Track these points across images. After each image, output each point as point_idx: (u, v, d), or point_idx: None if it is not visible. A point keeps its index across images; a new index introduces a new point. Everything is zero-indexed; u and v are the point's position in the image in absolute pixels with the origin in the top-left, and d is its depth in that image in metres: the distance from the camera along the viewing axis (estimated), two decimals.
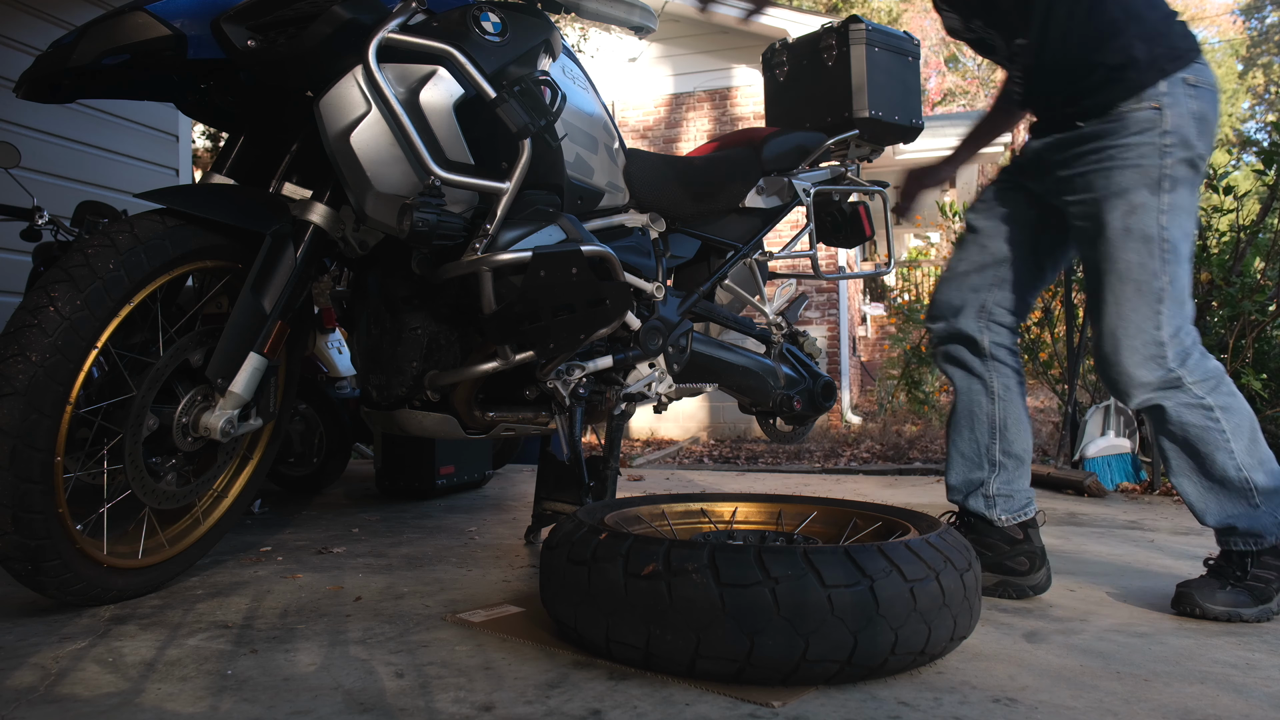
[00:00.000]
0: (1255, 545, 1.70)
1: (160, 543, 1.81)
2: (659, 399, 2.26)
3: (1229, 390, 1.71)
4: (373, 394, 2.02)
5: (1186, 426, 1.70)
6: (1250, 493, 1.70)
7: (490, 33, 1.76)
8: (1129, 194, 1.65)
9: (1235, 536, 1.72)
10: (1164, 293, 1.65)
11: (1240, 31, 27.48)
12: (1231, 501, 1.72)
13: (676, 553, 1.31)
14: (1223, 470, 1.70)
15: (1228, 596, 1.67)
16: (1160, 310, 1.65)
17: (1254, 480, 1.70)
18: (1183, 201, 1.66)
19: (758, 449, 7.05)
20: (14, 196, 3.02)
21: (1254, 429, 1.72)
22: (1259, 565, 1.70)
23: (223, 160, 1.88)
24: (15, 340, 1.48)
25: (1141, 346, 1.67)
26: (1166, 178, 1.64)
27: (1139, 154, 1.64)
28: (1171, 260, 1.65)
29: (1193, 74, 1.66)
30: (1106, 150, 1.67)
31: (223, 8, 1.66)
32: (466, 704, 1.23)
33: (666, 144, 9.23)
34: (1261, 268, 3.99)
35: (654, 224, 2.25)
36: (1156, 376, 1.68)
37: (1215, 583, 1.70)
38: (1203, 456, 1.72)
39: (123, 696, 1.25)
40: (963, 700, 1.26)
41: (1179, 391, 1.69)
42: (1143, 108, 1.64)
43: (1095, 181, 1.69)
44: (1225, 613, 1.66)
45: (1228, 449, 1.69)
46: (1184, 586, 1.71)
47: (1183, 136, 1.64)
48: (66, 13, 3.79)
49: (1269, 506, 1.70)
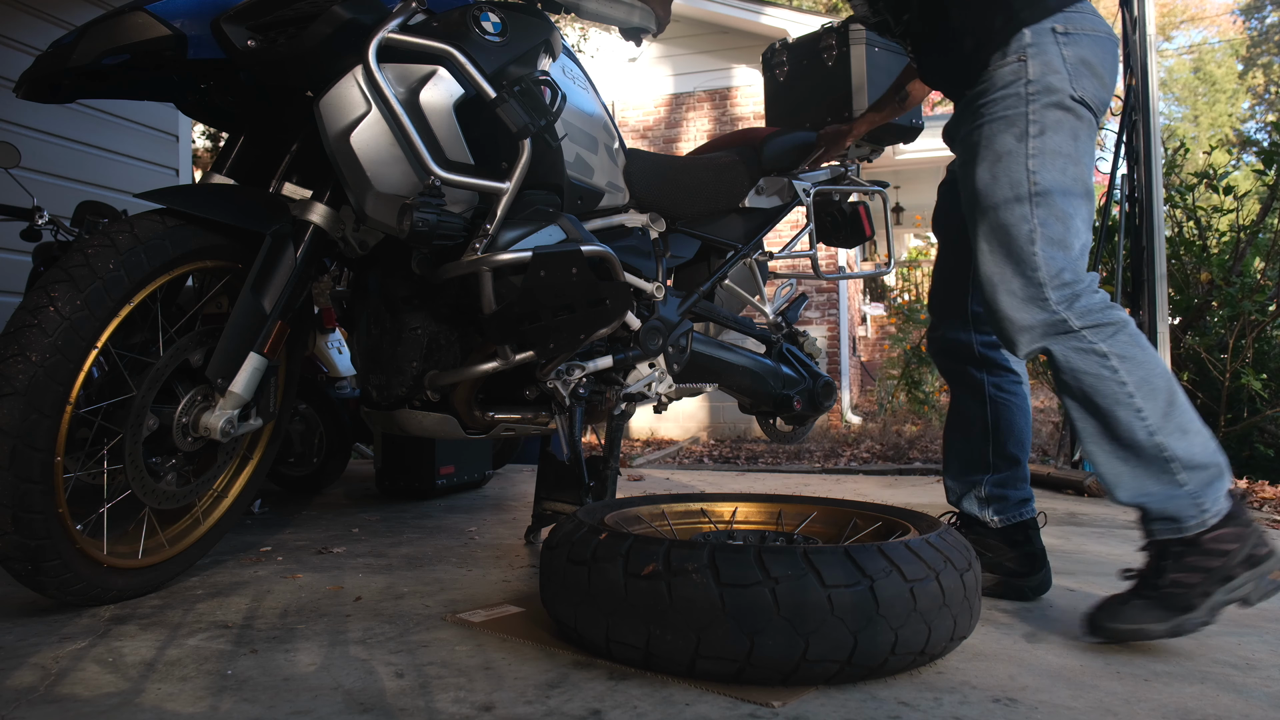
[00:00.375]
0: (1174, 532, 1.51)
1: (160, 543, 1.81)
2: (659, 399, 2.26)
3: (1132, 341, 1.56)
4: (373, 394, 2.02)
5: (1079, 375, 1.56)
6: (1167, 463, 1.51)
7: (490, 33, 1.76)
8: (994, 144, 1.62)
9: (1152, 522, 1.54)
10: (1035, 234, 1.58)
11: (1240, 31, 27.49)
12: (1146, 474, 1.53)
13: (676, 553, 1.31)
14: (1129, 432, 1.53)
15: (1134, 612, 1.48)
16: (1034, 252, 1.57)
17: (1171, 448, 1.50)
18: (1056, 144, 1.60)
19: (758, 449, 7.05)
20: (14, 196, 3.02)
21: (1172, 390, 1.54)
22: (1180, 567, 1.49)
23: (223, 160, 1.88)
24: (15, 340, 1.48)
25: (1019, 289, 1.58)
26: (1033, 123, 1.60)
27: (1004, 106, 1.62)
28: (1042, 204, 1.58)
29: (1061, 23, 1.62)
30: (980, 110, 1.66)
31: (223, 8, 1.66)
32: (466, 704, 1.23)
33: (666, 144, 9.23)
34: (1261, 268, 3.99)
35: (654, 224, 2.25)
36: (1039, 319, 1.57)
37: (1128, 596, 1.52)
38: (1103, 413, 1.55)
39: (123, 696, 1.25)
40: (963, 700, 1.26)
41: (1068, 336, 1.57)
42: (1007, 63, 1.62)
43: (970, 140, 1.68)
44: (1131, 631, 1.47)
45: (1132, 406, 1.53)
46: (1095, 607, 1.53)
47: (1048, 83, 1.60)
48: (66, 13, 3.79)
49: (1194, 485, 1.50)
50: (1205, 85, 27.68)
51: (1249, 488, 3.31)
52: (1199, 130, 25.65)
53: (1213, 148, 5.01)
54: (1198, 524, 1.49)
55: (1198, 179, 4.04)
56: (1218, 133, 23.22)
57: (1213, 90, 27.51)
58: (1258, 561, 1.48)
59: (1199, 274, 3.92)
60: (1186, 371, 3.93)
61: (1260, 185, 3.95)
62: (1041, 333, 1.59)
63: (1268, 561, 1.48)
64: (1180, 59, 28.46)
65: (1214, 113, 27.17)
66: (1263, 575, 1.47)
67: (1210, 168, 3.95)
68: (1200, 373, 3.90)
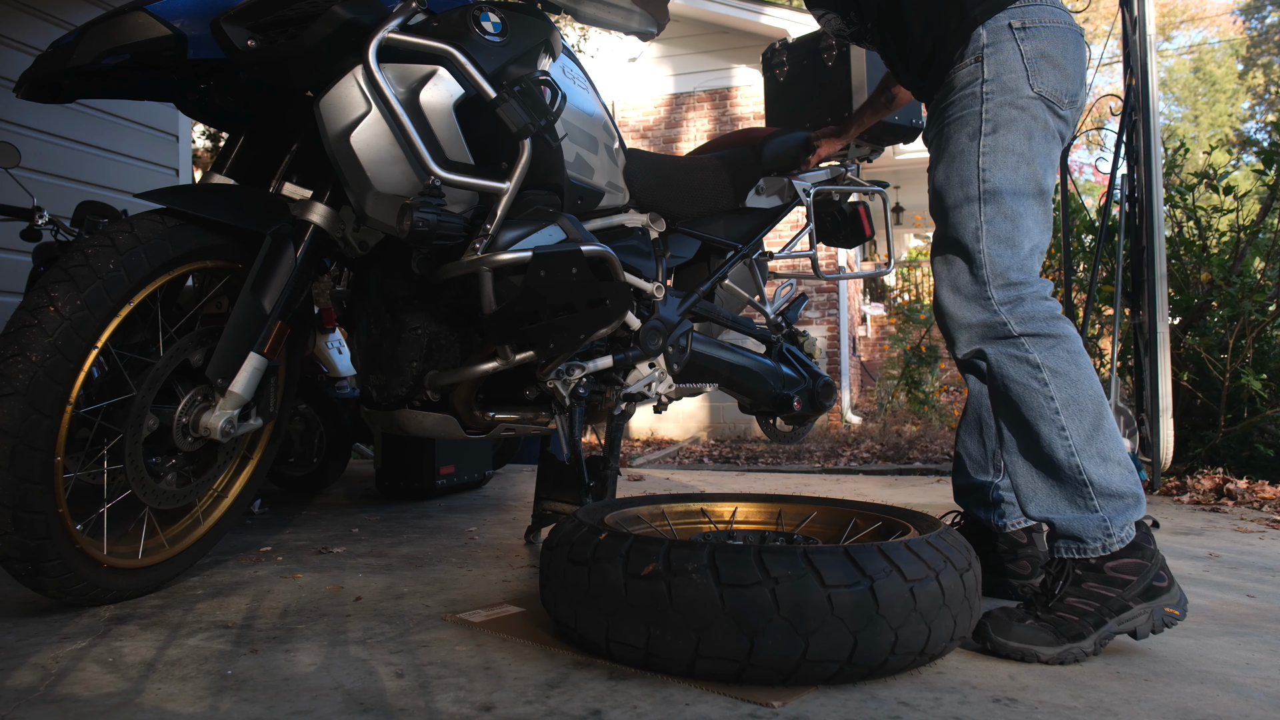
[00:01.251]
0: (1077, 551, 1.50)
1: (160, 543, 1.81)
2: (659, 399, 2.26)
3: (1070, 359, 1.52)
4: (373, 394, 2.02)
5: (1008, 382, 1.54)
6: (1083, 486, 1.49)
7: (490, 33, 1.76)
8: (949, 145, 1.63)
9: (1057, 539, 1.52)
10: (980, 231, 1.57)
11: (1240, 31, 27.48)
12: (1060, 494, 1.52)
13: (676, 553, 1.31)
14: (1049, 449, 1.51)
15: (1025, 631, 1.44)
16: (980, 250, 1.56)
17: (1088, 472, 1.49)
18: (1008, 143, 1.58)
19: (758, 449, 7.05)
20: (14, 196, 3.02)
21: (1100, 414, 1.51)
22: (1077, 592, 1.47)
23: (223, 160, 1.88)
24: (15, 340, 1.48)
25: (964, 286, 1.58)
26: (986, 122, 1.59)
27: (960, 107, 1.62)
28: (991, 201, 1.57)
29: (1019, 17, 1.61)
30: (941, 113, 1.66)
31: (223, 8, 1.66)
32: (467, 704, 1.23)
33: (666, 144, 9.23)
34: (1261, 268, 3.99)
35: (654, 224, 2.25)
36: (979, 319, 1.56)
37: (1020, 613, 1.48)
38: (1027, 426, 1.53)
39: (123, 696, 1.25)
40: (963, 700, 1.26)
41: (1004, 342, 1.54)
42: (965, 65, 1.62)
43: (932, 144, 1.68)
44: (1018, 650, 1.43)
45: (1055, 423, 1.50)
46: (986, 615, 1.48)
47: (1003, 81, 1.59)
48: (66, 13, 3.79)
49: (1106, 512, 1.49)
50: (1205, 85, 27.68)
51: (1249, 487, 3.32)
52: (1199, 130, 25.65)
53: (1213, 148, 5.01)
54: (1102, 548, 1.49)
55: (1198, 179, 4.04)
56: (1218, 133, 23.22)
57: (1213, 90, 27.50)
58: (1156, 594, 1.48)
59: (1199, 274, 3.91)
60: (1186, 371, 3.93)
61: (1260, 185, 3.95)
62: (980, 333, 1.58)
63: (1165, 595, 1.48)
64: (1180, 59, 28.46)
65: (1214, 113, 27.17)
66: (1158, 608, 1.47)
67: (1210, 168, 3.95)
68: (1200, 373, 3.90)
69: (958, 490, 1.95)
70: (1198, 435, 3.88)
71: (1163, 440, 3.31)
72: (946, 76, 1.65)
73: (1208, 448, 3.76)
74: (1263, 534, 2.61)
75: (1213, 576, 2.05)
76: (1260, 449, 3.77)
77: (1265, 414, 3.72)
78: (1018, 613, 1.48)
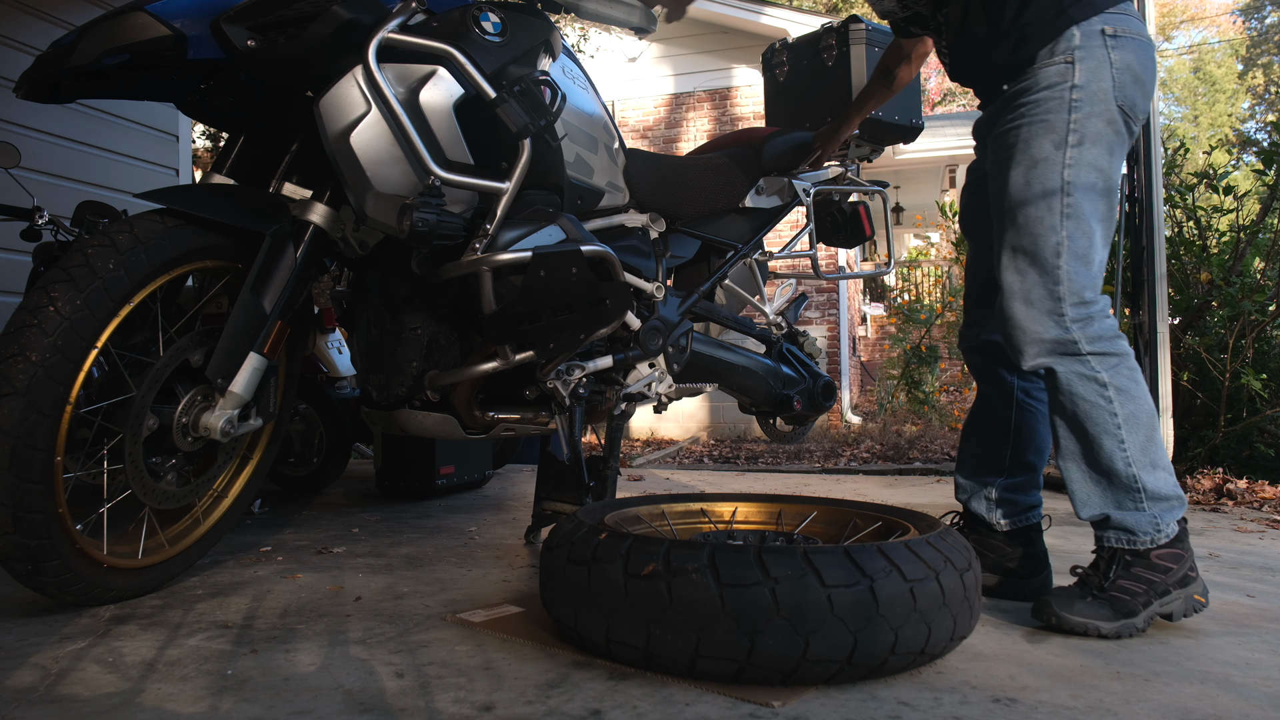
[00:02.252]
0: (1127, 542, 1.61)
1: (160, 543, 1.81)
2: (659, 399, 2.26)
3: (1131, 376, 1.61)
4: (373, 394, 2.02)
5: (1076, 399, 1.61)
6: (1136, 492, 1.61)
7: (490, 33, 1.76)
8: (1031, 149, 1.61)
9: (1109, 529, 1.63)
10: (1062, 247, 1.58)
11: (1240, 31, 27.49)
12: (1114, 498, 1.63)
13: (676, 553, 1.31)
14: (1109, 460, 1.61)
15: (1086, 608, 1.56)
16: (1059, 266, 1.58)
17: (1142, 480, 1.60)
18: (1092, 158, 1.59)
19: (758, 449, 7.05)
20: (14, 196, 3.02)
21: (1153, 427, 1.62)
22: (1127, 575, 1.59)
23: (223, 160, 1.88)
24: (15, 340, 1.48)
25: (1039, 301, 1.60)
26: (1073, 132, 1.58)
27: (1045, 109, 1.60)
28: (1073, 217, 1.59)
29: (1112, 24, 1.60)
30: (1021, 109, 1.64)
31: (223, 8, 1.65)
32: (467, 704, 1.23)
33: (666, 144, 9.23)
34: (1261, 268, 3.99)
35: (654, 224, 2.25)
36: (1052, 335, 1.60)
37: (1078, 592, 1.60)
38: (1090, 439, 1.62)
39: (123, 696, 1.25)
40: (963, 700, 1.26)
41: (1074, 359, 1.60)
42: (1054, 62, 1.60)
43: (1006, 140, 1.66)
44: (1081, 624, 1.55)
45: (1117, 436, 1.60)
46: (1046, 594, 1.63)
47: (1093, 91, 1.58)
48: (66, 13, 3.79)
49: (1154, 511, 1.61)
50: (1205, 85, 27.68)
51: (1249, 487, 3.32)
52: (1199, 130, 25.64)
53: (1213, 148, 5.01)
54: (1150, 541, 1.61)
55: (1198, 179, 4.04)
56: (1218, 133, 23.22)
57: (1213, 90, 27.50)
58: (1188, 583, 1.62)
59: (1199, 274, 3.91)
60: (1186, 371, 3.93)
61: (1260, 185, 3.95)
62: (1050, 349, 1.62)
63: (1195, 584, 1.63)
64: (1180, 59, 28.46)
65: (1214, 113, 27.17)
66: (1189, 595, 1.62)
67: (1210, 168, 3.94)
68: (1200, 373, 3.90)
69: (958, 488, 1.95)
70: (1198, 435, 3.88)
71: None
72: (1029, 70, 1.63)
73: (1208, 448, 3.76)
74: (1263, 534, 2.61)
75: (1213, 576, 2.05)
76: (1260, 449, 3.77)
77: (1265, 414, 3.72)
78: (1076, 591, 1.60)
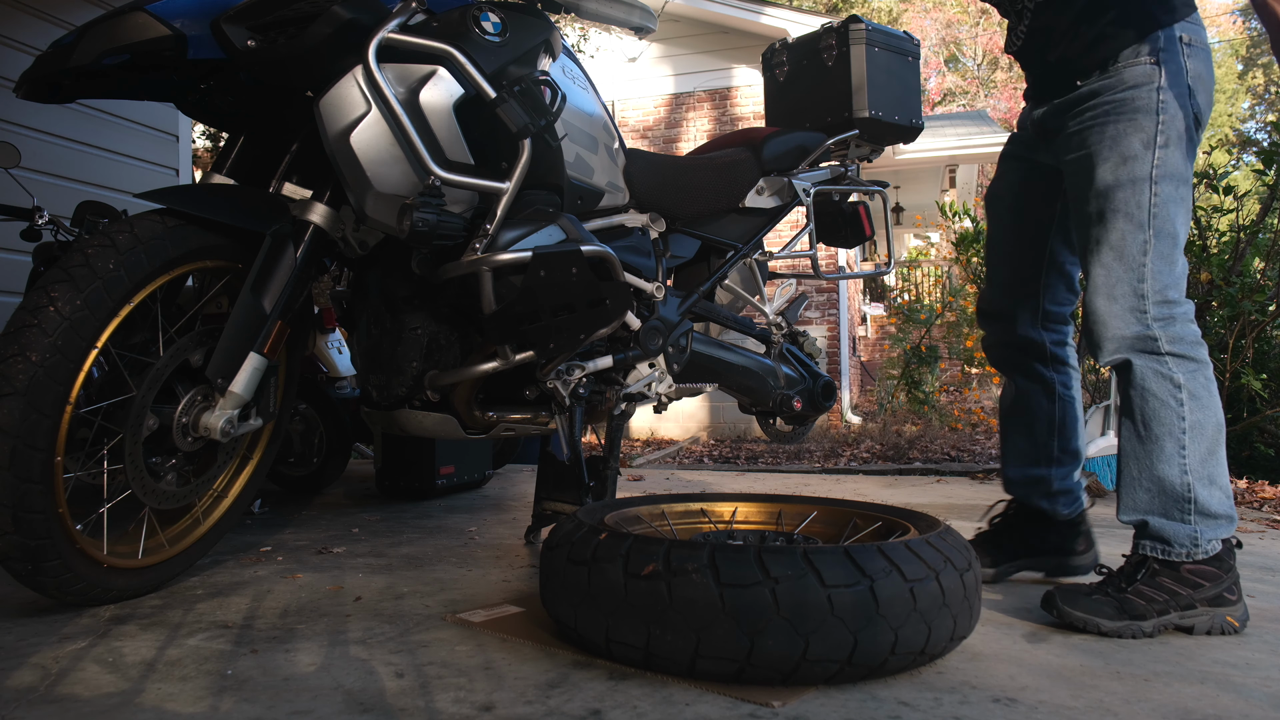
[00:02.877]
0: (1161, 552, 1.61)
1: (160, 543, 1.81)
2: (659, 399, 2.26)
3: (1206, 386, 1.63)
4: (373, 394, 2.02)
5: (1147, 396, 1.62)
6: (1186, 503, 1.60)
7: (490, 33, 1.76)
8: (1120, 147, 1.63)
9: (1145, 536, 1.64)
10: (1149, 246, 1.60)
11: (1240, 31, 27.48)
12: (1161, 505, 1.62)
13: (676, 553, 1.31)
14: (1166, 464, 1.61)
15: (1091, 604, 1.57)
16: (1144, 263, 1.61)
17: (1195, 491, 1.60)
18: (1175, 162, 1.62)
19: (758, 449, 7.05)
20: (14, 196, 3.02)
21: (1217, 440, 1.62)
22: (1151, 583, 1.59)
23: (223, 160, 1.88)
24: (15, 340, 1.48)
25: (1122, 297, 1.62)
26: (1161, 133, 1.61)
27: (1134, 108, 1.62)
28: (1159, 216, 1.61)
29: (1188, 32, 1.63)
30: (1103, 105, 1.65)
31: (223, 8, 1.65)
32: (467, 704, 1.23)
33: (666, 144, 9.23)
34: (1261, 268, 3.99)
35: (654, 224, 2.25)
36: (1133, 331, 1.62)
37: (1090, 589, 1.62)
38: (1153, 439, 1.62)
39: (123, 696, 1.25)
40: (963, 700, 1.26)
41: (1151, 357, 1.62)
42: (1139, 62, 1.62)
43: (1090, 136, 1.67)
44: (1082, 620, 1.56)
45: (1179, 441, 1.60)
46: (1056, 588, 1.64)
47: (1175, 94, 1.61)
48: (66, 13, 3.79)
49: (1199, 526, 1.60)
50: None
51: (1249, 487, 3.31)
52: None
53: (1213, 148, 5.01)
54: (1185, 554, 1.60)
55: (1198, 179, 4.04)
56: (1218, 133, 23.22)
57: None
58: (1222, 603, 1.59)
59: (1199, 274, 3.92)
60: None
61: (1260, 185, 3.95)
62: (1130, 345, 1.63)
63: (1230, 607, 1.59)
64: None
65: (1214, 113, 27.18)
66: (1220, 615, 1.58)
67: (1210, 168, 3.95)
68: None
69: (1010, 482, 1.99)
70: None
71: None
72: (1113, 67, 1.64)
73: None
74: (1263, 534, 2.61)
75: None
76: (1260, 449, 3.77)
77: (1265, 414, 3.72)
78: (1085, 588, 1.62)
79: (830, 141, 2.53)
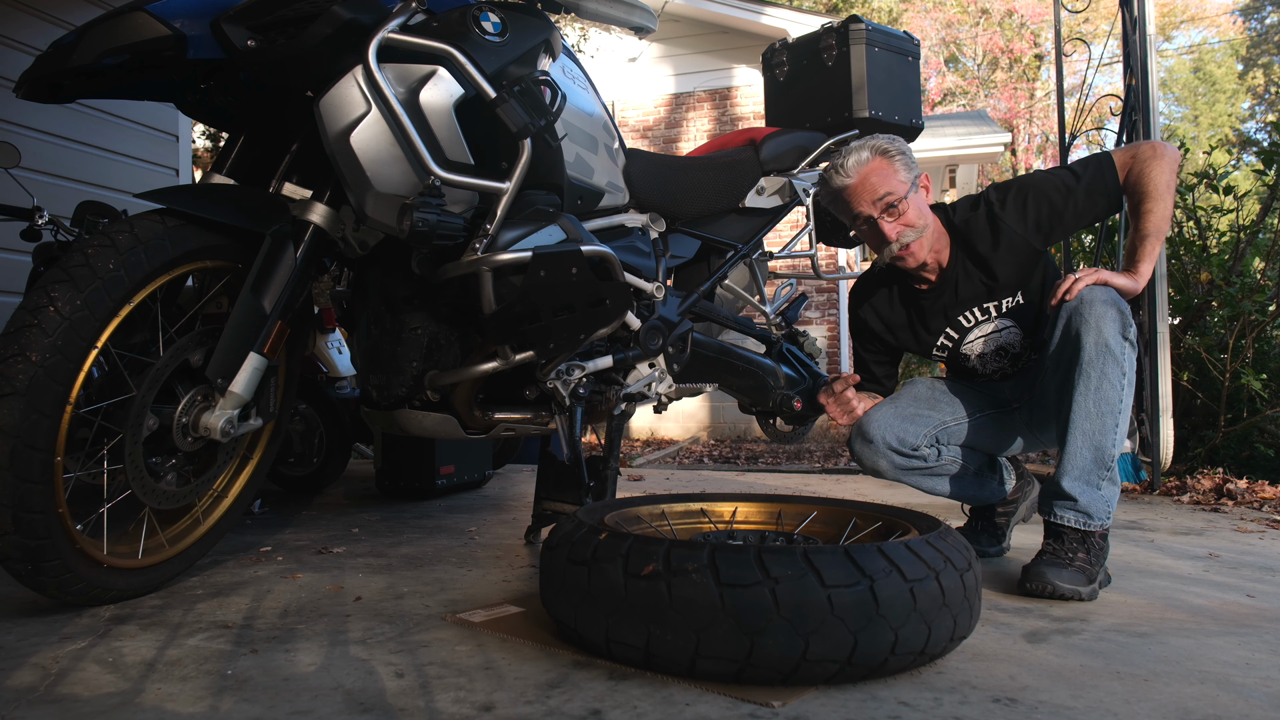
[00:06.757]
0: (1081, 524, 1.84)
1: (160, 543, 1.81)
2: (659, 399, 2.26)
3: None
4: (373, 394, 2.02)
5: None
6: (1106, 471, 1.85)
7: (490, 33, 1.76)
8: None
9: (1073, 510, 1.86)
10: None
11: (1240, 31, 27.47)
12: (1092, 476, 1.86)
13: (676, 553, 1.31)
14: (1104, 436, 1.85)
15: (1071, 576, 1.81)
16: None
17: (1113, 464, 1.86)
18: None
19: (758, 449, 7.05)
20: (14, 196, 3.02)
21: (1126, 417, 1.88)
22: (1087, 550, 1.85)
23: (223, 160, 1.88)
24: (15, 340, 1.48)
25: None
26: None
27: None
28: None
29: None
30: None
31: (223, 8, 1.65)
32: (467, 704, 1.23)
33: (666, 144, 9.23)
34: (1261, 268, 4.00)
35: (654, 224, 2.25)
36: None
37: (1059, 563, 1.83)
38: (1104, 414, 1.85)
39: (123, 696, 1.25)
40: (963, 700, 1.26)
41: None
42: None
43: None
44: (1072, 591, 1.79)
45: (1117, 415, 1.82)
46: (1033, 566, 1.83)
47: None
48: (66, 13, 3.79)
49: (1109, 495, 1.87)
50: (1205, 85, 27.67)
51: (1249, 487, 3.31)
52: (1199, 130, 25.64)
53: (1213, 148, 5.01)
54: (1099, 525, 1.85)
55: (1198, 179, 4.04)
56: (1218, 133, 23.21)
57: (1213, 90, 27.49)
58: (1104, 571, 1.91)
59: (1199, 274, 3.91)
60: (1186, 371, 3.93)
61: (1260, 185, 3.95)
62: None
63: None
64: (1180, 59, 28.44)
65: (1214, 113, 27.16)
66: (1108, 576, 1.91)
67: (1210, 168, 3.94)
68: (1200, 373, 3.90)
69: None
70: (1198, 435, 3.88)
71: (1162, 440, 3.31)
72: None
73: (1208, 448, 3.76)
74: (1263, 534, 2.61)
75: (1213, 576, 2.05)
76: (1260, 449, 3.77)
77: (1265, 414, 3.72)
78: (1057, 562, 1.84)
79: (830, 141, 2.53)
